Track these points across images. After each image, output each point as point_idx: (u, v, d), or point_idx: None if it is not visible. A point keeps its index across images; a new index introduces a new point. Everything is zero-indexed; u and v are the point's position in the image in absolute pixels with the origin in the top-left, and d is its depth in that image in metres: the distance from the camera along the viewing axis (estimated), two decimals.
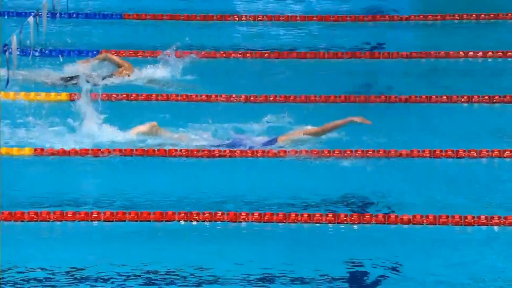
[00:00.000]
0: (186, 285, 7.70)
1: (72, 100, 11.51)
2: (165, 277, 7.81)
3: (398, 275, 7.88)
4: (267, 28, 13.97)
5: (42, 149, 10.27)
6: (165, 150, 10.25)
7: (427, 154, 10.12)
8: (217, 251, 8.25)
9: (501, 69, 12.59)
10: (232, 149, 10.12)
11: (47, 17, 13.54)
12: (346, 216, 8.73)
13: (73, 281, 7.73)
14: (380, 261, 8.07)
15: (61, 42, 13.25)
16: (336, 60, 12.83)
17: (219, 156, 10.15)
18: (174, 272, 7.88)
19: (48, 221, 8.75)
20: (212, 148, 10.05)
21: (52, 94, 11.78)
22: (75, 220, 8.73)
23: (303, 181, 9.67)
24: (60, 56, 12.84)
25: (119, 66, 12.23)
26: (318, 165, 10.03)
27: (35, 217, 8.76)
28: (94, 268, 7.90)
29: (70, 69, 12.33)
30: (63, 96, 11.75)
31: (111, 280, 7.75)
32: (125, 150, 10.24)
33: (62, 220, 8.74)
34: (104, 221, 8.73)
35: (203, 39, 13.52)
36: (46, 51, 13.07)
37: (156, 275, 7.83)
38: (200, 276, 7.82)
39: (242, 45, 13.28)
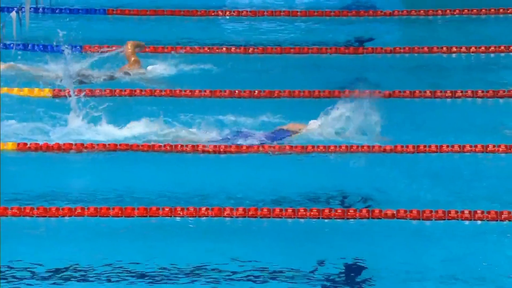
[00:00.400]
0: (170, 280, 7.69)
1: (56, 97, 11.47)
2: (149, 272, 7.79)
3: (381, 270, 7.89)
4: (251, 24, 13.96)
5: (25, 144, 10.23)
6: (149, 145, 10.23)
7: (411, 149, 10.14)
8: (200, 246, 8.25)
9: (484, 64, 12.63)
10: (220, 144, 10.13)
11: (30, 11, 13.48)
12: (330, 211, 8.74)
13: (57, 278, 7.70)
14: (364, 256, 8.08)
15: (44, 37, 13.20)
16: (320, 55, 12.83)
17: (203, 151, 10.13)
18: (157, 267, 7.87)
19: (32, 216, 8.71)
20: (218, 143, 10.04)
21: (36, 90, 11.73)
22: (58, 216, 8.70)
23: (287, 176, 9.67)
24: (43, 50, 12.80)
25: (129, 61, 12.20)
26: (302, 160, 10.03)
27: (18, 212, 8.72)
28: (78, 264, 7.88)
29: (53, 66, 12.29)
30: (46, 92, 11.70)
31: (95, 277, 7.72)
32: (109, 145, 10.21)
33: (45, 216, 8.70)
34: (88, 216, 8.71)
35: (187, 34, 13.49)
36: (29, 46, 13.01)
37: (140, 270, 7.81)
38: (182, 271, 7.81)
39: (226, 41, 13.26)
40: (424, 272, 7.82)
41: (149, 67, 12.25)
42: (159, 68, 12.24)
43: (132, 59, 12.16)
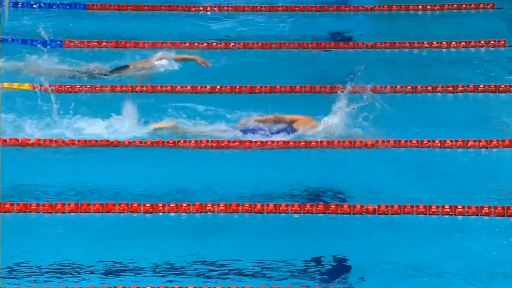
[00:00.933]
0: (152, 275, 7.68)
1: (36, 92, 11.42)
2: (130, 267, 7.78)
3: (363, 264, 7.91)
4: (232, 18, 13.94)
5: (5, 140, 10.18)
6: (130, 141, 10.21)
7: (392, 144, 10.16)
8: (182, 242, 8.24)
9: (465, 59, 12.66)
10: (202, 139, 10.12)
11: (9, 6, 13.41)
12: (311, 206, 8.75)
13: (37, 274, 7.67)
14: (346, 250, 8.10)
15: (24, 32, 13.14)
16: (301, 50, 12.83)
17: (184, 146, 10.12)
18: (139, 262, 7.85)
19: (11, 212, 8.67)
20: (226, 139, 10.05)
21: (15, 84, 11.67)
22: (39, 212, 8.67)
23: (269, 171, 9.67)
24: (22, 45, 12.73)
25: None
26: (284, 155, 10.04)
27: None
28: (59, 260, 7.86)
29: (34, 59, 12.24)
30: (26, 86, 11.64)
31: (76, 272, 7.70)
32: (89, 141, 10.18)
33: (25, 212, 8.67)
34: (68, 212, 8.68)
35: (169, 29, 13.47)
36: (9, 40, 12.94)
37: (121, 266, 7.80)
38: (165, 266, 7.80)
39: (207, 35, 13.24)
40: (405, 266, 7.84)
41: (157, 62, 12.21)
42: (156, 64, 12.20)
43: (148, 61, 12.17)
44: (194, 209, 8.71)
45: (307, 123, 10.25)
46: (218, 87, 11.64)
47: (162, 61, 12.15)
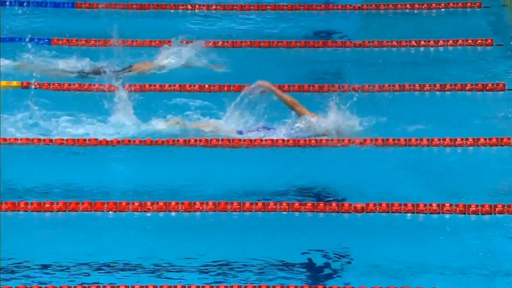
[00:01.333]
0: (139, 273, 7.69)
1: (25, 89, 11.41)
2: (118, 266, 7.78)
3: (351, 263, 7.94)
4: (220, 18, 13.95)
5: None
6: (118, 140, 10.21)
7: (380, 143, 10.20)
8: (171, 241, 8.25)
9: (453, 57, 12.71)
10: (190, 138, 10.13)
11: None
12: (300, 204, 8.77)
13: (24, 273, 7.67)
14: (335, 249, 8.12)
15: (11, 30, 13.11)
16: (289, 49, 12.85)
17: (173, 144, 10.13)
18: (127, 261, 7.86)
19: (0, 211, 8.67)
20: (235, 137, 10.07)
21: (3, 82, 11.66)
22: (27, 211, 8.67)
23: (258, 170, 9.69)
24: (11, 43, 12.71)
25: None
26: (273, 154, 10.06)
27: None
28: (48, 259, 7.86)
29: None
30: (14, 84, 11.63)
31: (65, 271, 7.71)
32: (78, 140, 10.18)
33: (13, 210, 8.66)
34: (57, 211, 8.68)
35: (157, 28, 13.46)
36: None
37: (111, 265, 7.81)
38: (154, 265, 7.81)
39: (196, 34, 13.25)
40: (392, 264, 7.87)
41: (164, 61, 12.20)
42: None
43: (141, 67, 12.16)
44: (183, 208, 8.72)
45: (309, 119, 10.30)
46: (207, 85, 11.65)
47: (163, 61, 12.16)
